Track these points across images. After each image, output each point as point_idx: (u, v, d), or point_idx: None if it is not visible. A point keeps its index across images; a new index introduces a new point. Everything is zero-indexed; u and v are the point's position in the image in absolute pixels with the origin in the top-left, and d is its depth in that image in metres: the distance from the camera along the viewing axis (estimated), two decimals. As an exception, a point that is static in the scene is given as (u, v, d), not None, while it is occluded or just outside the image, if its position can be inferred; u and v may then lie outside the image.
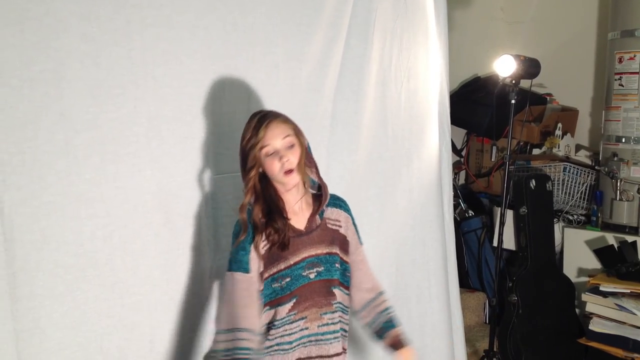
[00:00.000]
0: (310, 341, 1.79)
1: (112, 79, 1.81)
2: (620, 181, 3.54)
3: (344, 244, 1.87)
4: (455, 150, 4.31)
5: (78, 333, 1.77)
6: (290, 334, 1.76)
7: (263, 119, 1.72)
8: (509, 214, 3.64)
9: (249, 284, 1.70)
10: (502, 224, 3.21)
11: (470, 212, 4.12)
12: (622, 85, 3.54)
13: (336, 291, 1.83)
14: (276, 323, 1.75)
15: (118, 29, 1.82)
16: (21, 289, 1.67)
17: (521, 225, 3.65)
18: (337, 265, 1.83)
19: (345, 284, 1.87)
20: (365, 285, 1.93)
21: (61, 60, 1.71)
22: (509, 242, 3.73)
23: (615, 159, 3.58)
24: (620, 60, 3.55)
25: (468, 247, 4.03)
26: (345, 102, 2.49)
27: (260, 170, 1.73)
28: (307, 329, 1.78)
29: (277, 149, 1.70)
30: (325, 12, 2.39)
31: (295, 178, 1.73)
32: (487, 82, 4.09)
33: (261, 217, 1.71)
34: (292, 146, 1.72)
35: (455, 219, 3.59)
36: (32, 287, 1.69)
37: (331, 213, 1.85)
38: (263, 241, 1.72)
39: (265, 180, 1.75)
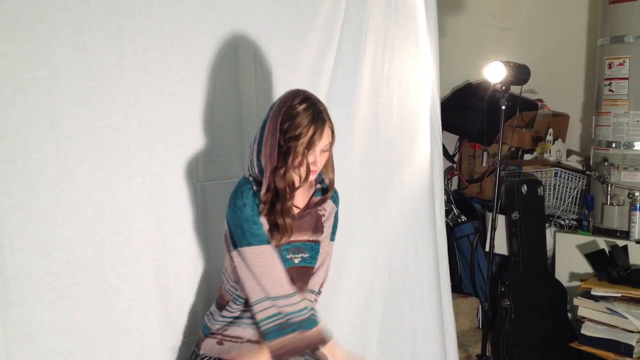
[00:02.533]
0: None
1: (103, 87, 1.82)
2: (611, 186, 3.55)
3: (322, 230, 1.87)
4: (447, 155, 4.33)
5: (68, 339, 1.77)
6: None
7: (320, 121, 1.67)
8: (501, 219, 3.65)
9: (273, 252, 1.71)
10: (494, 229, 3.22)
11: (462, 217, 4.12)
12: (612, 91, 3.56)
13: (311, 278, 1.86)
14: None
15: (109, 38, 1.83)
16: (12, 296, 1.67)
17: (513, 230, 3.66)
18: (319, 254, 1.85)
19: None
20: (317, 278, 1.92)
21: (53, 68, 1.72)
22: (501, 247, 3.74)
23: (606, 163, 3.60)
24: (610, 66, 3.58)
25: (461, 252, 4.04)
26: (338, 108, 2.50)
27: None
28: None
29: (317, 152, 1.69)
30: (319, 19, 2.41)
31: (313, 177, 1.74)
32: (479, 88, 4.11)
33: (271, 197, 1.69)
34: (325, 151, 1.72)
35: (448, 224, 3.60)
36: (22, 294, 1.69)
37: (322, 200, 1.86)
38: (264, 217, 1.71)
39: None
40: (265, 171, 1.68)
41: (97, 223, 1.83)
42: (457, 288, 3.95)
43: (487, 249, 3.76)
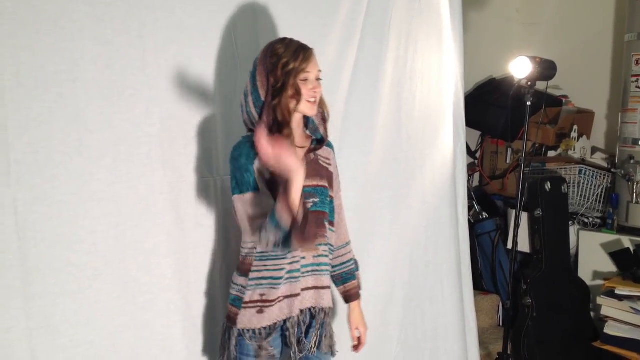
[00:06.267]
0: (308, 271, 1.84)
1: (125, 80, 1.83)
2: (637, 184, 3.50)
3: (331, 180, 1.93)
4: (469, 152, 4.29)
5: (90, 331, 1.79)
6: (296, 262, 1.81)
7: (304, 47, 1.77)
8: (524, 216, 3.61)
9: (260, 199, 1.72)
10: (517, 226, 3.19)
11: (484, 214, 4.09)
12: (639, 88, 3.50)
13: (327, 225, 1.89)
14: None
15: (131, 31, 1.84)
16: (34, 287, 1.69)
17: (536, 228, 3.62)
18: (328, 199, 1.89)
19: (333, 220, 1.94)
20: (338, 230, 2.00)
21: (75, 61, 1.73)
22: (524, 245, 3.71)
23: (632, 161, 3.54)
24: (637, 62, 3.51)
25: (482, 249, 4.01)
26: (360, 103, 2.49)
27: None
28: (304, 258, 1.83)
29: (311, 79, 1.77)
30: (341, 13, 2.40)
31: (314, 109, 1.80)
32: (502, 83, 4.06)
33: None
34: (319, 79, 1.80)
35: (469, 221, 3.57)
36: (45, 286, 1.71)
37: (322, 151, 1.90)
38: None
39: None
40: (264, 112, 1.72)
41: (119, 216, 1.84)
42: (478, 285, 3.92)
43: (508, 246, 3.73)
